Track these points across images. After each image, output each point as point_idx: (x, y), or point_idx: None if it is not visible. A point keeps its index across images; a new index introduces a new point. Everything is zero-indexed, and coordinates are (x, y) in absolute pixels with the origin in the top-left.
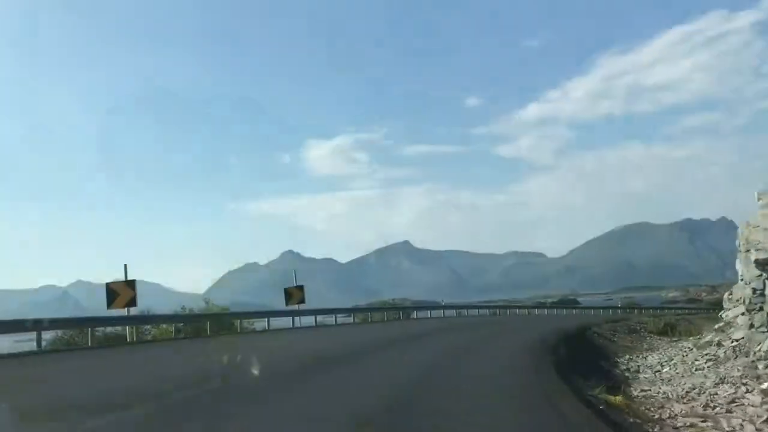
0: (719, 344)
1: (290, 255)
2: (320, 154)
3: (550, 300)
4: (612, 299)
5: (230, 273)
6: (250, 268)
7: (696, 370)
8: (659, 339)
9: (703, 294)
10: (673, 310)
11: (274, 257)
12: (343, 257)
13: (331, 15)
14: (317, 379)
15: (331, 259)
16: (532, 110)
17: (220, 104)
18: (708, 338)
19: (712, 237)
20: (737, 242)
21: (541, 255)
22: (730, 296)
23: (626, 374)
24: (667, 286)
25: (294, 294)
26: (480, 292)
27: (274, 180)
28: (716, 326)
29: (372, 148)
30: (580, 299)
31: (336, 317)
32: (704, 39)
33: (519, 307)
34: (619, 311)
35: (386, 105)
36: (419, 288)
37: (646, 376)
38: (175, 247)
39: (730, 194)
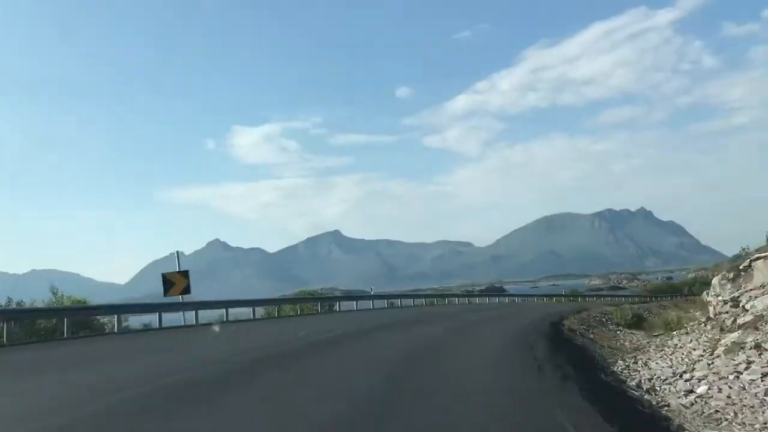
0: (760, 347)
1: (217, 244)
2: (248, 142)
3: (477, 288)
4: (537, 287)
5: (154, 263)
6: (175, 257)
7: (754, 389)
8: (634, 333)
9: (625, 281)
10: (623, 298)
11: (200, 247)
12: (272, 247)
13: (264, 1)
14: None
15: (259, 249)
16: (461, 102)
17: (141, 88)
18: (732, 338)
19: (631, 227)
20: None
21: (469, 244)
22: (729, 278)
23: (648, 398)
24: (590, 274)
25: (177, 282)
26: (410, 281)
27: (200, 167)
28: (707, 319)
29: (303, 137)
30: (506, 287)
31: (253, 309)
32: (626, 35)
33: (456, 296)
34: (563, 299)
35: (317, 94)
36: (349, 277)
37: (682, 401)
38: (97, 236)
39: (648, 186)
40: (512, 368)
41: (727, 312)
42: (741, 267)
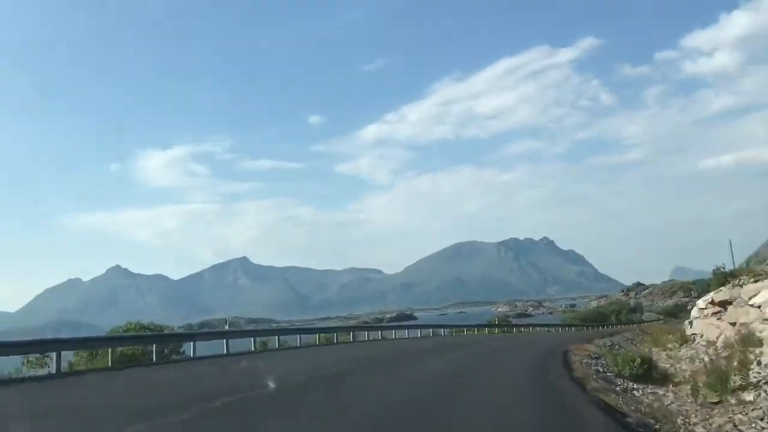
0: None
1: (117, 271)
2: (154, 165)
3: (388, 315)
4: (446, 314)
5: (49, 290)
6: (72, 284)
7: None
8: (667, 394)
9: (531, 308)
10: (561, 328)
11: (100, 273)
12: (176, 273)
13: (174, 23)
14: None
15: (162, 276)
16: (372, 131)
17: (38, 109)
18: None
19: (534, 255)
20: None
21: (378, 271)
22: None
23: None
24: (496, 300)
25: None
26: (319, 309)
27: (102, 191)
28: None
29: (211, 161)
30: (417, 314)
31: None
32: (529, 71)
33: (366, 329)
34: (497, 330)
35: (227, 118)
36: (257, 305)
37: None
38: None
39: (550, 216)
40: None
41: None
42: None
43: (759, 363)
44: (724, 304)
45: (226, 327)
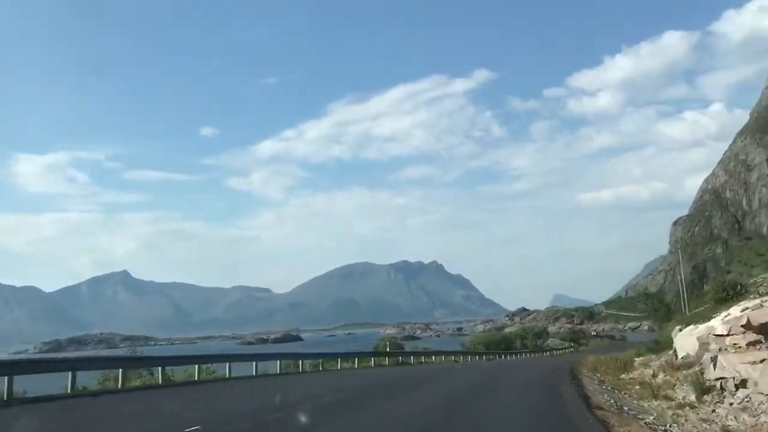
0: None
1: None
2: (30, 170)
3: (272, 336)
4: (334, 335)
5: None
6: None
7: None
8: None
9: (419, 331)
10: (462, 357)
11: None
12: (50, 285)
13: (60, 22)
14: None
15: (33, 287)
16: (267, 147)
17: None
18: None
19: (423, 278)
20: None
21: (267, 290)
22: None
23: None
24: (385, 322)
25: None
26: (204, 327)
27: None
28: None
29: (94, 169)
30: (303, 335)
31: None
32: (427, 99)
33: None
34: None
35: (113, 125)
36: (137, 321)
37: None
38: None
39: (440, 241)
40: None
41: None
42: None
43: None
44: None
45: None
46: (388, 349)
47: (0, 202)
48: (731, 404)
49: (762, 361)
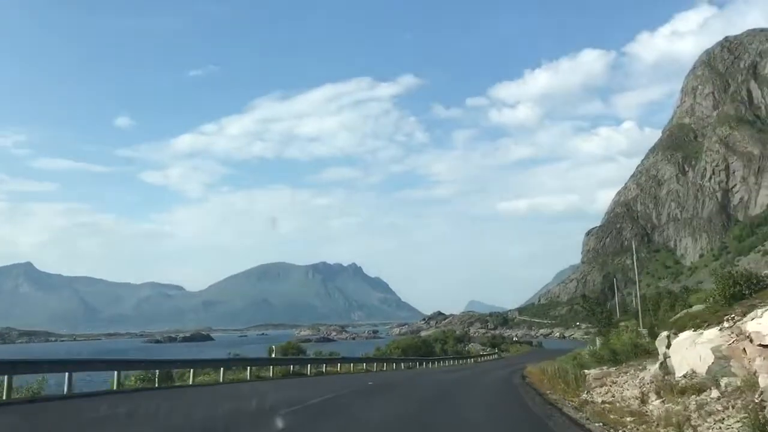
0: None
1: None
2: None
3: (181, 335)
4: (246, 335)
5: None
6: None
7: None
8: None
9: (334, 333)
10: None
11: None
12: None
13: None
14: None
15: None
16: (187, 141)
17: None
18: None
19: (342, 280)
20: None
21: (180, 288)
22: None
23: None
24: (300, 324)
25: None
26: (111, 323)
27: None
28: None
29: (1, 156)
30: (214, 335)
31: None
32: (352, 101)
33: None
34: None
35: (23, 109)
36: (40, 315)
37: None
38: None
39: (360, 243)
40: None
41: None
42: None
43: None
44: None
45: None
46: (273, 355)
47: None
48: None
49: None
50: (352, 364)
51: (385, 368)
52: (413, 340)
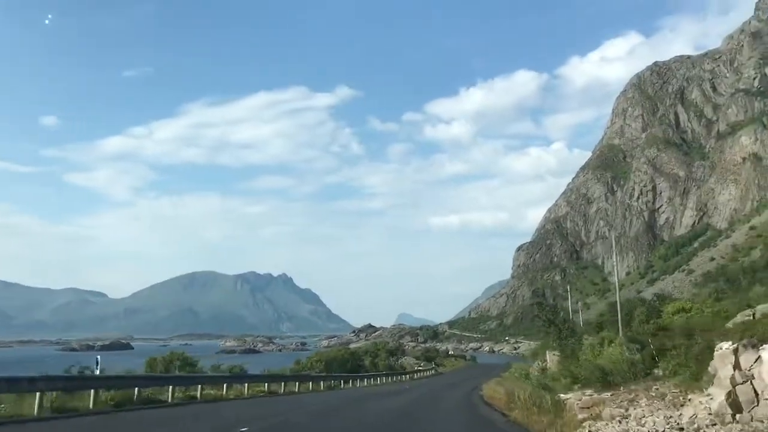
0: None
1: None
2: None
3: (99, 343)
4: (168, 345)
5: None
6: None
7: None
8: None
9: (260, 344)
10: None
11: None
12: None
13: None
14: None
15: None
16: (115, 143)
17: None
18: None
19: (271, 291)
20: None
21: (102, 294)
22: None
23: None
24: (226, 334)
25: None
26: (26, 330)
27: None
28: None
29: None
30: (134, 344)
31: None
32: (288, 109)
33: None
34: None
35: None
36: None
37: None
38: None
39: (292, 253)
40: None
41: None
42: None
43: None
44: None
45: None
46: (99, 368)
47: None
48: None
49: None
50: (246, 385)
51: (298, 389)
52: (339, 352)
